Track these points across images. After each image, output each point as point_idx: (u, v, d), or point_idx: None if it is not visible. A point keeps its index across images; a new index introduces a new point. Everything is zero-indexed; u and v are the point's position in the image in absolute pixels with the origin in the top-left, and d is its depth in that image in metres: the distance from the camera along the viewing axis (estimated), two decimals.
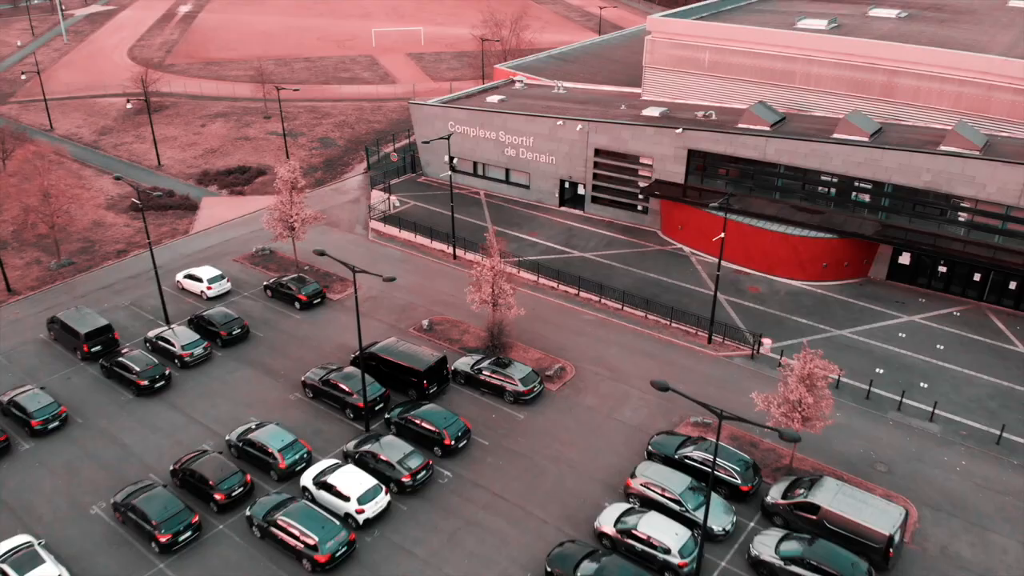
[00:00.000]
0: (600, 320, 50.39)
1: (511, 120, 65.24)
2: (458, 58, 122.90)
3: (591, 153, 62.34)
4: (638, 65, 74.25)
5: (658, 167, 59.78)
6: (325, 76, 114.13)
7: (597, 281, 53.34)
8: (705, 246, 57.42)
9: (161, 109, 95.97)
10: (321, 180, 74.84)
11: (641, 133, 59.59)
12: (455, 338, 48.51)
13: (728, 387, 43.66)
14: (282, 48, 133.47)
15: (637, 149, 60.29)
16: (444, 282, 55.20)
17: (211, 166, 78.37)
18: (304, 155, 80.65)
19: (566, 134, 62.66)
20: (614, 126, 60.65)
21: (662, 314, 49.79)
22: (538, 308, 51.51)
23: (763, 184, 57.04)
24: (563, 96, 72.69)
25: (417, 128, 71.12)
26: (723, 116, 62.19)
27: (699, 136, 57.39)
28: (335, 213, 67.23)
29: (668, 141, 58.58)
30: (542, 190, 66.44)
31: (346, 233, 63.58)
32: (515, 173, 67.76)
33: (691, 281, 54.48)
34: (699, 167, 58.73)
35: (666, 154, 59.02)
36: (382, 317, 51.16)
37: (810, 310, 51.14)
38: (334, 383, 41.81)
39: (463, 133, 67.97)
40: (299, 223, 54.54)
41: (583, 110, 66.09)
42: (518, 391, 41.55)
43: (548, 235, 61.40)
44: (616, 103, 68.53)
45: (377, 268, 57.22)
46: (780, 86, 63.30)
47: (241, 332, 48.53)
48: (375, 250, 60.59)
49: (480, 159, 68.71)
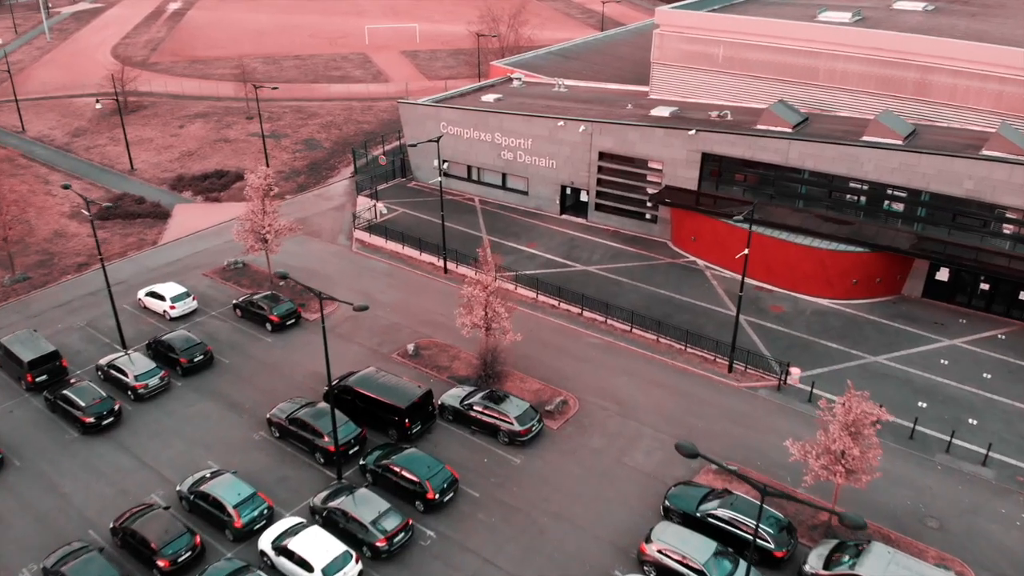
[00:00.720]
0: (606, 344, 45.12)
1: (508, 120, 59.99)
2: (454, 56, 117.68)
3: (595, 157, 57.09)
4: (644, 62, 69.09)
5: (668, 172, 54.53)
6: (314, 75, 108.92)
7: (602, 299, 48.11)
8: (721, 259, 52.15)
9: (138, 109, 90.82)
10: (304, 185, 69.58)
11: (650, 135, 54.33)
12: (444, 365, 43.24)
13: (754, 425, 38.40)
14: (273, 46, 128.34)
15: (645, 152, 55.03)
16: (433, 299, 49.95)
17: (187, 170, 73.12)
18: (287, 158, 75.41)
19: (567, 136, 57.41)
20: (620, 127, 55.39)
21: (676, 337, 44.54)
22: (537, 329, 46.27)
23: (785, 191, 51.79)
24: (564, 95, 67.43)
25: (407, 129, 65.88)
26: (739, 116, 56.93)
27: (714, 138, 52.14)
28: (317, 221, 61.98)
29: (680, 144, 53.32)
30: (542, 196, 61.19)
31: (328, 244, 58.32)
32: (512, 178, 62.51)
33: (707, 299, 49.20)
34: (714, 172, 53.48)
35: (677, 158, 53.76)
36: (362, 340, 45.89)
37: (840, 333, 45.86)
38: (302, 422, 36.53)
39: (456, 135, 62.74)
40: (272, 234, 49.28)
41: (586, 110, 60.83)
42: (514, 431, 36.29)
43: (548, 246, 56.15)
44: (622, 102, 63.27)
45: (360, 283, 52.17)
46: (801, 84, 58.05)
47: (204, 359, 43.30)
48: (358, 263, 55.33)
49: (475, 163, 63.47)
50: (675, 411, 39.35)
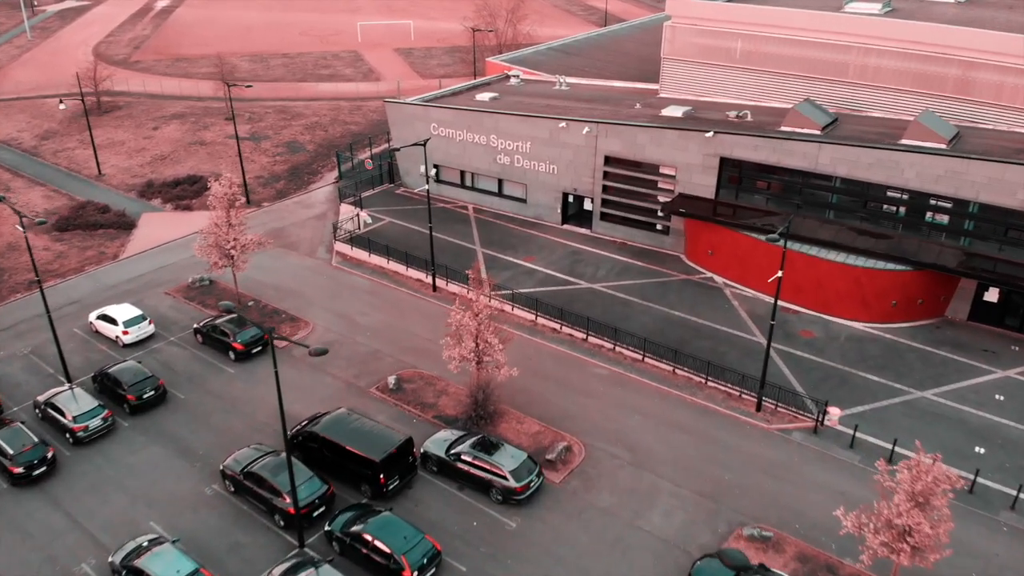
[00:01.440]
0: (615, 375, 39.65)
1: (504, 121, 54.54)
2: (450, 53, 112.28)
3: (600, 161, 51.63)
4: (652, 59, 63.81)
5: (682, 178, 49.08)
6: (302, 73, 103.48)
7: (610, 322, 42.66)
8: (742, 276, 46.70)
9: (112, 110, 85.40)
10: (283, 191, 64.11)
11: (661, 137, 48.87)
12: (429, 402, 37.76)
13: (789, 477, 32.93)
14: (261, 44, 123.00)
15: (656, 156, 49.56)
16: (420, 322, 44.49)
17: (158, 175, 67.65)
18: (266, 162, 69.95)
19: (570, 138, 51.95)
20: (628, 129, 49.92)
21: (695, 368, 39.07)
22: (536, 357, 40.86)
23: (813, 200, 46.32)
24: (566, 93, 62.00)
25: (395, 131, 60.44)
26: (760, 117, 51.48)
27: (734, 141, 46.68)
28: (295, 232, 56.51)
29: (695, 147, 47.86)
30: (541, 205, 55.72)
31: (305, 257, 52.83)
32: (509, 184, 57.05)
33: (728, 322, 43.72)
34: (733, 179, 48.03)
35: (692, 163, 48.30)
36: (338, 371, 40.43)
37: (880, 362, 40.39)
38: (259, 477, 31.06)
39: (448, 137, 57.30)
40: (238, 250, 43.84)
41: (590, 110, 55.39)
42: (509, 488, 30.81)
43: (548, 260, 50.66)
44: (629, 101, 57.84)
45: (338, 303, 46.68)
46: (829, 81, 52.64)
47: (154, 394, 37.88)
48: (338, 279, 49.84)
49: (468, 167, 58.01)
50: (697, 460, 33.86)
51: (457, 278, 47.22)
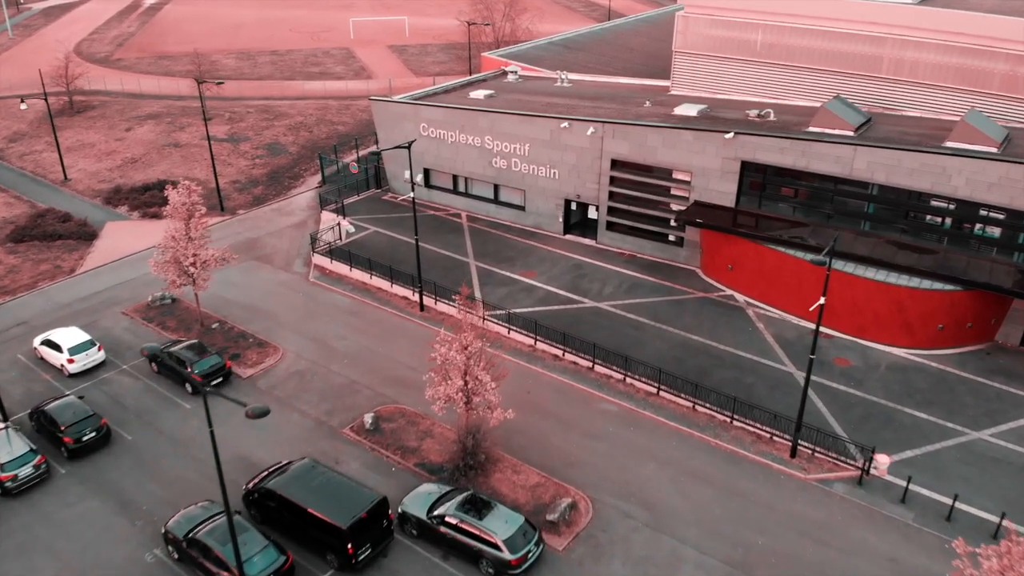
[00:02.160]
0: (626, 413, 34.61)
1: (500, 121, 49.52)
2: (445, 50, 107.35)
3: (606, 165, 46.62)
4: (660, 54, 58.93)
5: (698, 185, 44.08)
6: (291, 71, 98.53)
7: (619, 349, 37.63)
8: (766, 294, 41.70)
9: (86, 109, 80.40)
10: (261, 197, 59.08)
11: (675, 139, 43.84)
12: (411, 445, 32.72)
13: (832, 541, 27.90)
14: (249, 41, 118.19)
15: (670, 160, 44.54)
16: (404, 347, 39.47)
17: (127, 180, 62.63)
18: (244, 165, 64.94)
19: (573, 139, 46.96)
20: (638, 129, 44.90)
21: (718, 404, 34.05)
22: (536, 390, 35.86)
23: (846, 210, 41.34)
24: (568, 91, 56.97)
25: (381, 131, 55.42)
26: (783, 116, 46.50)
27: (758, 143, 41.66)
28: (271, 243, 51.48)
29: (713, 150, 42.85)
30: (541, 212, 50.72)
31: (280, 271, 47.79)
32: (506, 190, 52.05)
33: (753, 348, 38.68)
34: (755, 185, 43.03)
35: (710, 167, 43.29)
36: (308, 407, 35.41)
37: (927, 396, 35.37)
38: (204, 546, 26.04)
39: (439, 138, 52.29)
40: (198, 267, 38.84)
41: (595, 109, 50.37)
42: (502, 559, 25.78)
43: (549, 275, 45.61)
44: (638, 99, 52.84)
45: (313, 325, 41.61)
46: (860, 77, 47.67)
47: (96, 436, 32.87)
48: (315, 297, 44.80)
49: (461, 172, 52.98)
50: (724, 519, 28.82)
51: (447, 296, 42.23)
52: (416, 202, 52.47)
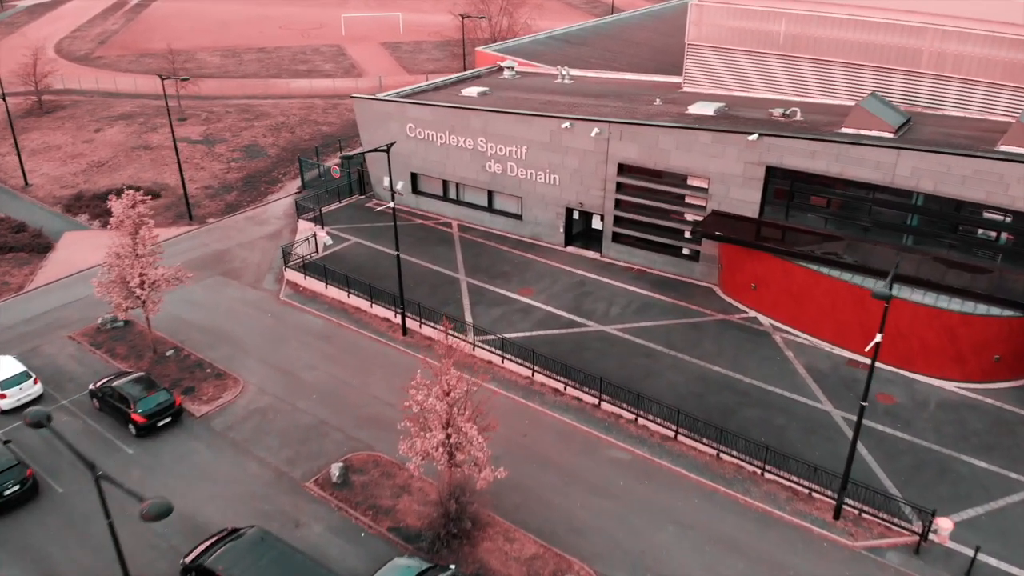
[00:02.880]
0: (639, 462, 29.69)
1: (495, 121, 44.59)
2: (441, 48, 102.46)
3: (612, 170, 41.71)
4: (668, 49, 54.18)
5: (717, 192, 39.15)
6: (277, 68, 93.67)
7: (630, 384, 32.71)
8: (796, 317, 36.80)
9: (55, 109, 75.51)
10: (234, 204, 54.14)
11: (691, 141, 38.90)
12: (384, 504, 27.79)
13: None
14: (237, 38, 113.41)
15: (684, 165, 39.61)
16: (383, 378, 34.56)
17: (91, 186, 57.73)
18: (218, 169, 60.02)
19: (575, 141, 42.06)
20: (648, 130, 39.96)
21: (747, 452, 29.13)
22: (534, 433, 30.99)
23: (885, 222, 36.44)
24: (569, 88, 52.03)
25: (364, 132, 50.49)
26: (811, 116, 41.60)
27: (786, 146, 36.73)
28: (242, 255, 46.56)
29: (734, 153, 37.93)
30: (540, 223, 45.80)
31: (248, 289, 42.88)
32: (501, 197, 47.13)
33: (782, 380, 33.73)
34: (781, 193, 38.11)
35: (731, 173, 38.37)
36: (268, 453, 30.50)
37: (985, 440, 30.45)
38: None
39: (427, 139, 47.39)
40: (146, 288, 33.93)
41: (599, 107, 45.45)
42: None
43: (549, 293, 40.68)
44: (647, 96, 47.92)
45: (281, 353, 36.55)
46: (896, 72, 42.76)
47: (20, 490, 28.03)
48: (285, 319, 39.89)
49: (452, 177, 48.04)
50: None
51: (434, 319, 37.33)
52: (403, 210, 47.67)
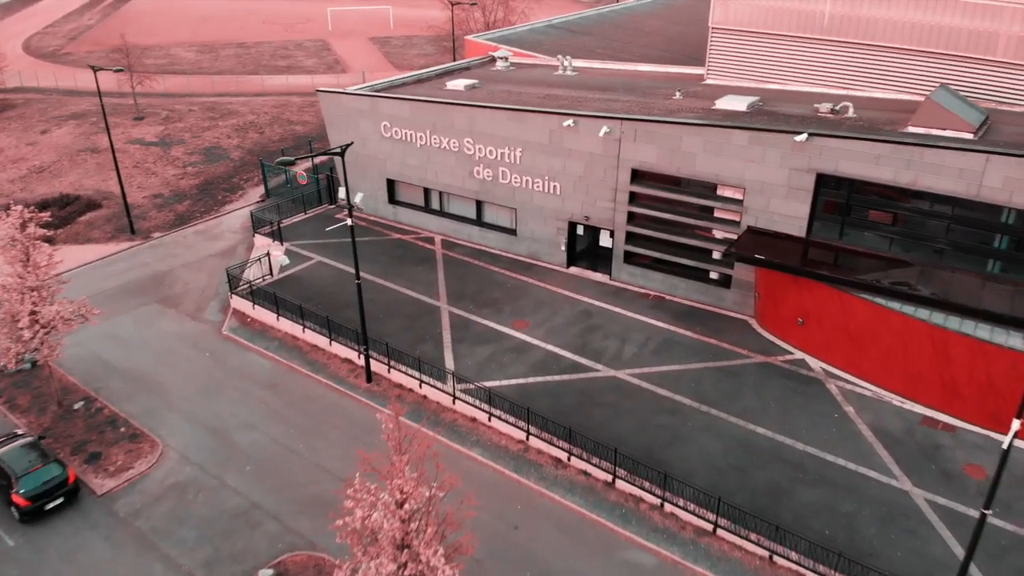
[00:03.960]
0: (668, 569, 22.44)
1: (484, 118, 37.41)
2: (433, 42, 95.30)
3: (625, 177, 34.52)
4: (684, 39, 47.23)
5: (754, 205, 31.94)
6: (255, 64, 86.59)
7: (651, 453, 25.51)
8: (855, 360, 29.60)
9: (6, 108, 68.30)
10: (186, 215, 46.92)
11: (723, 141, 31.68)
12: None
13: None
14: (218, 33, 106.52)
15: (714, 171, 32.39)
16: (337, 443, 27.38)
17: (28, 194, 50.52)
18: (172, 175, 52.83)
19: (580, 142, 34.89)
20: (670, 128, 32.72)
21: (809, 555, 21.88)
22: (527, 524, 23.79)
23: (965, 246, 29.23)
24: (572, 80, 44.85)
25: (332, 131, 43.32)
26: (865, 112, 34.43)
27: (842, 149, 29.51)
28: (185, 278, 39.38)
29: (777, 157, 30.72)
30: (538, 239, 38.63)
31: (187, 319, 35.68)
32: (492, 209, 39.98)
33: (844, 447, 26.47)
34: (833, 206, 30.92)
35: (772, 181, 31.16)
36: (179, 551, 23.27)
37: None
38: None
39: (405, 140, 40.27)
40: (38, 331, 26.76)
41: (608, 102, 38.24)
42: None
43: (548, 326, 33.44)
44: (664, 90, 40.76)
45: (216, 403, 28.96)
46: (966, 60, 35.58)
47: None
48: (226, 360, 32.68)
49: (434, 184, 40.89)
50: None
51: (406, 362, 30.19)
52: (378, 223, 40.70)
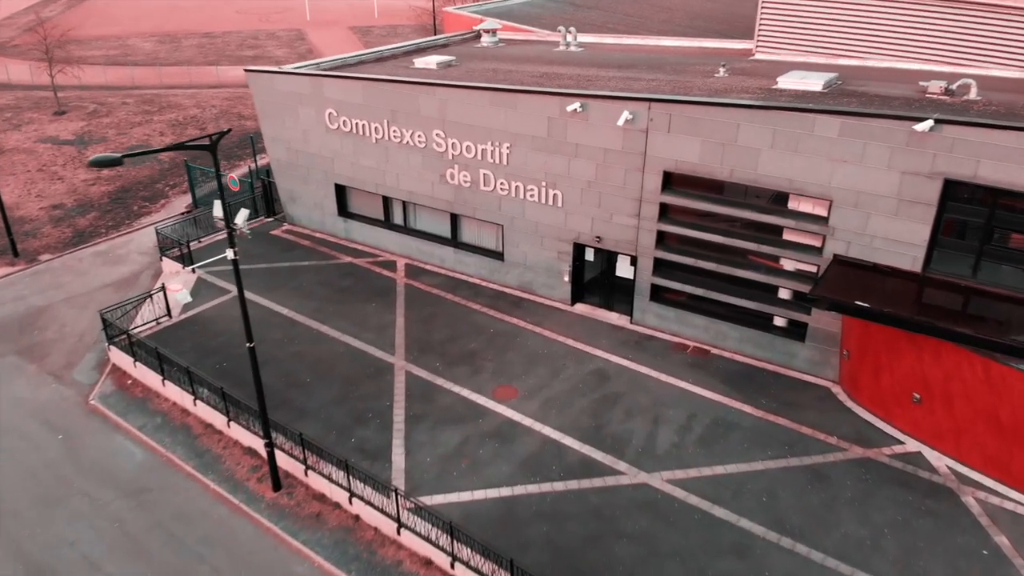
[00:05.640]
0: None
1: (459, 102, 27.41)
2: (420, 31, 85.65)
3: (654, 183, 24.53)
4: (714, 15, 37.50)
5: (845, 223, 21.92)
6: (217, 55, 77.23)
7: None
8: (1007, 465, 19.58)
9: None
10: (85, 233, 36.99)
11: (801, 133, 21.68)
12: None
13: None
14: (185, 23, 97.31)
15: (786, 174, 22.36)
16: None
17: None
18: (83, 180, 42.93)
19: (591, 135, 24.94)
20: (720, 113, 22.69)
21: None
22: None
23: None
24: (578, 57, 34.83)
25: (265, 123, 33.42)
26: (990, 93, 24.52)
27: (985, 144, 19.52)
28: (62, 318, 29.46)
29: (883, 156, 20.75)
30: (532, 265, 28.64)
31: (49, 380, 25.76)
32: (472, 225, 30.00)
33: None
34: (960, 228, 20.93)
35: (874, 190, 21.16)
36: None
37: None
38: None
39: (357, 133, 30.38)
40: None
41: (626, 81, 28.17)
42: None
43: (546, 396, 23.39)
44: (701, 67, 30.79)
45: (51, 525, 19.74)
46: None
47: None
48: (84, 447, 22.72)
49: (395, 192, 30.92)
50: None
51: (332, 459, 20.25)
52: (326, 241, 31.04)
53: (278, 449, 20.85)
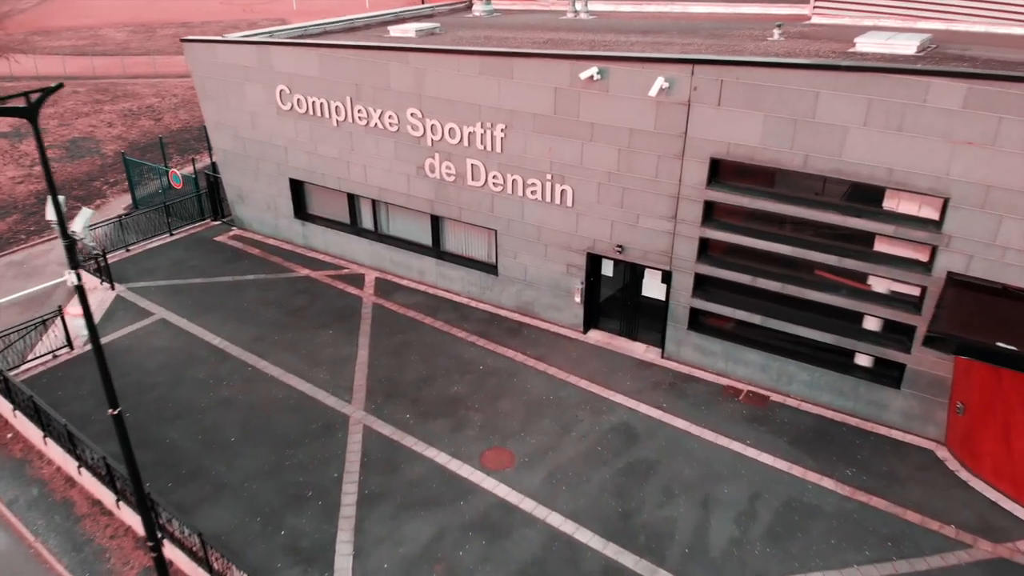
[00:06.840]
0: None
1: (440, 71, 21.35)
2: None
3: (697, 174, 18.48)
4: None
5: (966, 230, 15.88)
6: None
7: None
8: None
9: None
10: (3, 238, 31.02)
11: (909, 103, 15.66)
12: None
13: None
14: (161, 14, 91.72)
15: (885, 161, 16.31)
16: None
17: None
18: (9, 177, 37.02)
19: (611, 110, 18.90)
20: (792, 76, 16.65)
21: None
22: None
23: None
24: (589, 25, 28.67)
25: (206, 103, 27.44)
26: None
27: None
28: None
29: (1021, 138, 14.75)
30: (534, 281, 22.58)
31: None
32: (457, 229, 23.94)
33: None
34: None
35: (1009, 185, 15.11)
36: None
37: None
38: None
39: (314, 114, 24.40)
40: None
41: (656, 46, 21.99)
42: None
43: (552, 465, 17.34)
44: (748, 31, 24.70)
45: None
46: None
47: None
48: None
49: (362, 188, 24.86)
50: None
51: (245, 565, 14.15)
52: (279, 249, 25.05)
53: (176, 547, 14.81)
